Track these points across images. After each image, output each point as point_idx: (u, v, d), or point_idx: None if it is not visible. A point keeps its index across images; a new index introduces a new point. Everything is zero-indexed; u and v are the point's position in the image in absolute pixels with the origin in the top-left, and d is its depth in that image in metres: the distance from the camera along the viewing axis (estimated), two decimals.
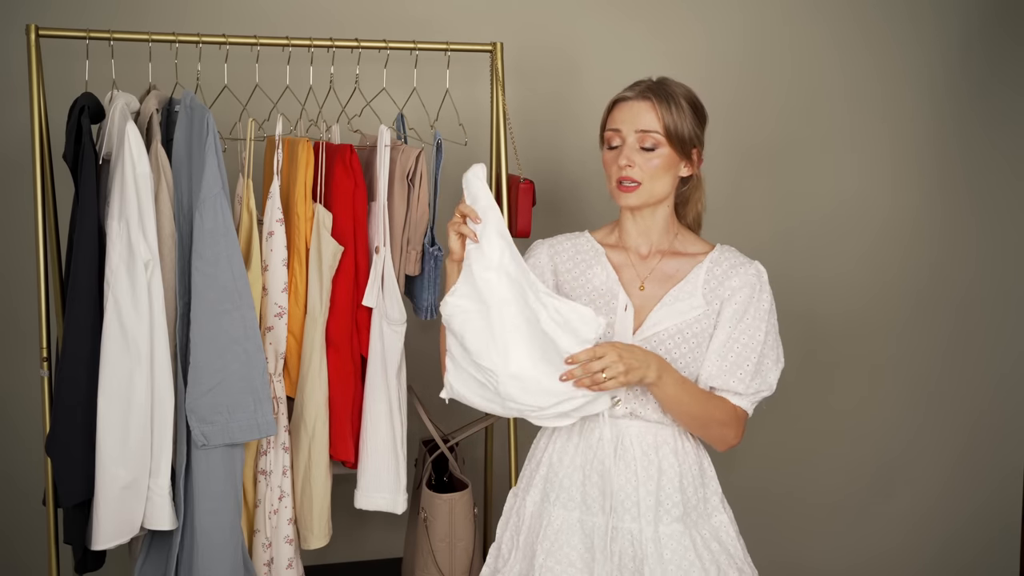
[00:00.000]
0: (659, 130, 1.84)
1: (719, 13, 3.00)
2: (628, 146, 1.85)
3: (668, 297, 1.89)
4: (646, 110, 1.85)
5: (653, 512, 1.83)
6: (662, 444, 1.87)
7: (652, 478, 1.84)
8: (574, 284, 1.94)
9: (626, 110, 1.87)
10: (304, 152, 2.20)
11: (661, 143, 1.85)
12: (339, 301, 2.26)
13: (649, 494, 1.83)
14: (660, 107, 1.84)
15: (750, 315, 1.87)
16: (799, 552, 3.27)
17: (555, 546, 1.86)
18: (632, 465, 1.85)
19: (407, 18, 2.75)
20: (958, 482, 3.36)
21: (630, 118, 1.86)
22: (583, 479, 1.87)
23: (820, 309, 3.18)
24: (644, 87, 1.88)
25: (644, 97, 1.86)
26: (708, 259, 1.93)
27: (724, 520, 1.91)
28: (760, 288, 1.90)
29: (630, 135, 1.86)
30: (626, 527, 1.83)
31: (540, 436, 1.98)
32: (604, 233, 2.00)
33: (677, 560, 1.82)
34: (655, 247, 1.94)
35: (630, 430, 1.86)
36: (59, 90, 2.33)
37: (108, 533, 2.04)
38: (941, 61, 3.17)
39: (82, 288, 2.05)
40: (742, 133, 3.03)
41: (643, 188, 1.86)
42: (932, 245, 3.24)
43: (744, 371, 1.86)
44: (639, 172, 1.85)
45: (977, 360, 3.33)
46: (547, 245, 2.00)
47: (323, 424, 2.27)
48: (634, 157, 1.85)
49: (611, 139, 1.89)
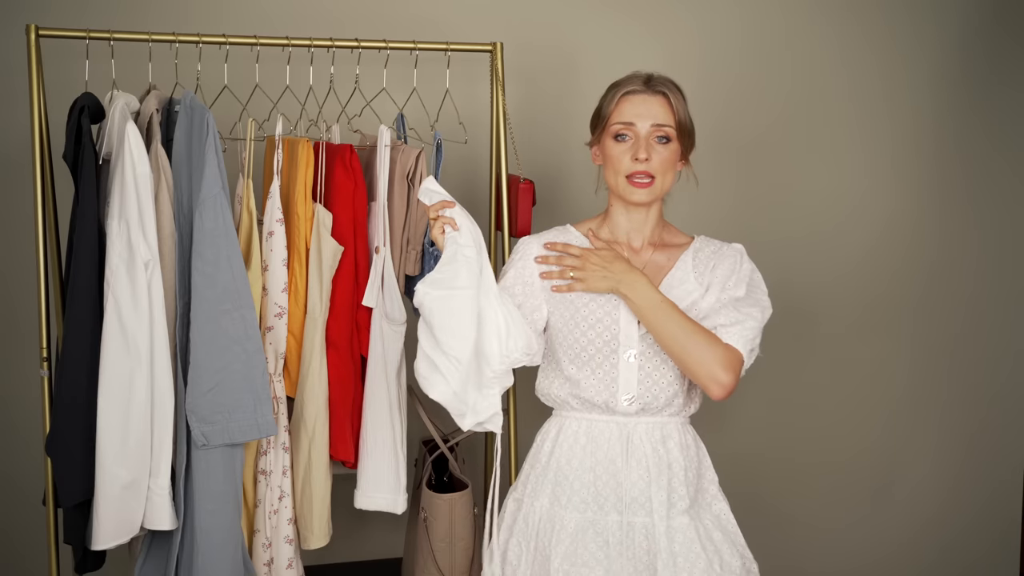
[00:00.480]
0: (672, 124, 1.85)
1: (718, 13, 3.00)
2: (643, 139, 1.85)
3: (663, 287, 1.90)
4: (660, 104, 1.86)
5: (665, 507, 1.84)
6: (668, 438, 1.88)
7: (663, 473, 1.86)
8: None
9: (639, 103, 1.86)
10: (304, 152, 2.20)
11: (673, 137, 1.86)
12: (339, 301, 2.26)
13: (661, 489, 1.85)
14: (673, 100, 1.86)
15: (731, 281, 1.90)
16: (799, 553, 3.26)
17: (571, 549, 1.85)
18: (644, 462, 1.86)
19: (407, 18, 2.75)
20: (958, 482, 3.36)
21: (645, 111, 1.86)
22: (594, 479, 1.88)
23: (820, 309, 3.18)
24: (651, 80, 1.89)
25: (656, 91, 1.87)
26: (692, 247, 1.96)
27: (724, 508, 1.94)
28: (742, 262, 1.93)
29: (644, 128, 1.85)
30: (640, 522, 1.85)
31: (543, 441, 1.97)
32: (591, 227, 1.98)
33: (684, 552, 1.83)
34: (648, 240, 1.96)
35: (638, 428, 1.88)
36: (59, 90, 2.33)
37: (108, 533, 2.04)
38: (941, 60, 3.17)
39: (82, 288, 2.05)
40: (740, 131, 3.03)
41: (656, 183, 1.87)
42: (932, 245, 3.24)
43: (726, 308, 1.87)
44: (655, 166, 1.85)
45: (978, 360, 3.33)
46: (536, 243, 1.97)
47: (323, 424, 2.27)
48: (651, 151, 1.85)
49: (621, 132, 1.87)
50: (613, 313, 1.89)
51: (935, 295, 3.26)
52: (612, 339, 1.88)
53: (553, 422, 1.97)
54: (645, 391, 1.87)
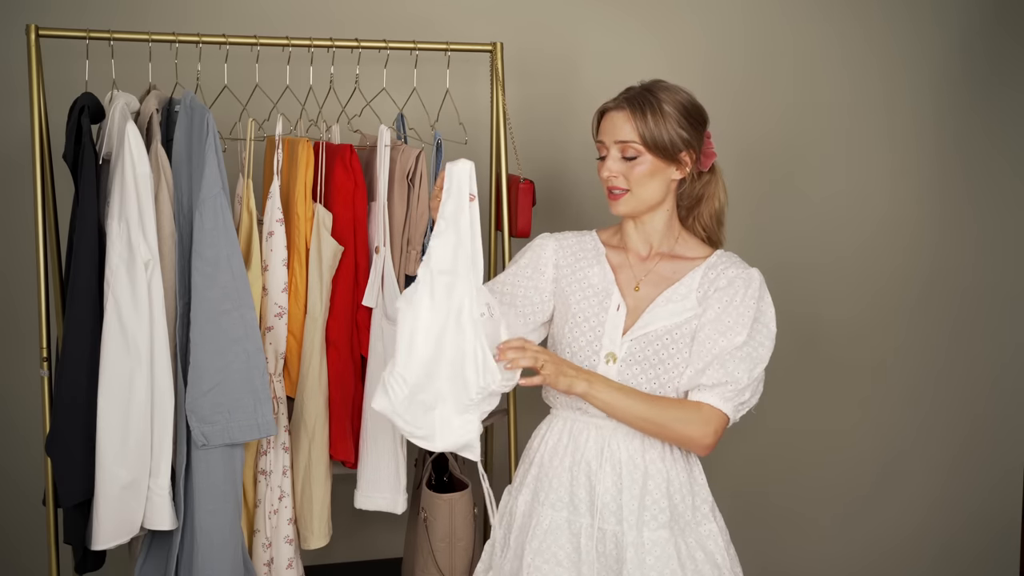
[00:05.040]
0: (636, 140, 1.86)
1: (719, 14, 3.00)
2: (611, 157, 1.89)
3: (660, 299, 1.89)
4: (624, 121, 1.87)
5: (636, 516, 1.83)
6: (649, 449, 1.86)
7: (637, 483, 1.84)
8: (571, 280, 1.96)
9: (607, 121, 1.91)
10: (304, 152, 2.20)
11: (642, 152, 1.87)
12: (339, 301, 2.26)
13: (633, 498, 1.83)
14: (635, 117, 1.86)
15: (728, 315, 1.84)
16: (799, 553, 3.26)
17: (543, 545, 1.87)
18: (617, 469, 1.85)
19: (407, 18, 2.75)
20: (958, 482, 3.36)
21: (610, 129, 1.89)
22: (571, 480, 1.88)
23: (820, 309, 3.18)
24: (624, 96, 1.90)
25: (621, 107, 1.89)
26: (706, 263, 1.92)
27: (713, 529, 1.89)
28: (748, 292, 1.86)
29: (612, 146, 1.89)
30: (610, 529, 1.84)
31: (534, 437, 1.99)
32: (609, 234, 2.02)
33: (659, 567, 1.81)
34: (655, 249, 1.95)
35: (616, 434, 1.86)
36: (59, 90, 2.33)
37: (108, 533, 2.04)
38: (942, 61, 3.17)
39: (82, 288, 2.05)
40: (742, 132, 3.03)
41: (631, 195, 1.88)
42: (932, 245, 3.24)
43: (712, 367, 1.82)
44: (624, 181, 1.88)
45: (976, 359, 3.33)
46: (554, 240, 2.02)
47: (323, 424, 2.27)
48: (615, 167, 1.88)
49: (600, 149, 1.92)
50: (601, 315, 1.89)
51: (935, 294, 3.26)
52: (595, 340, 1.88)
53: (546, 419, 1.99)
54: None
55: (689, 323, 1.86)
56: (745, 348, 1.82)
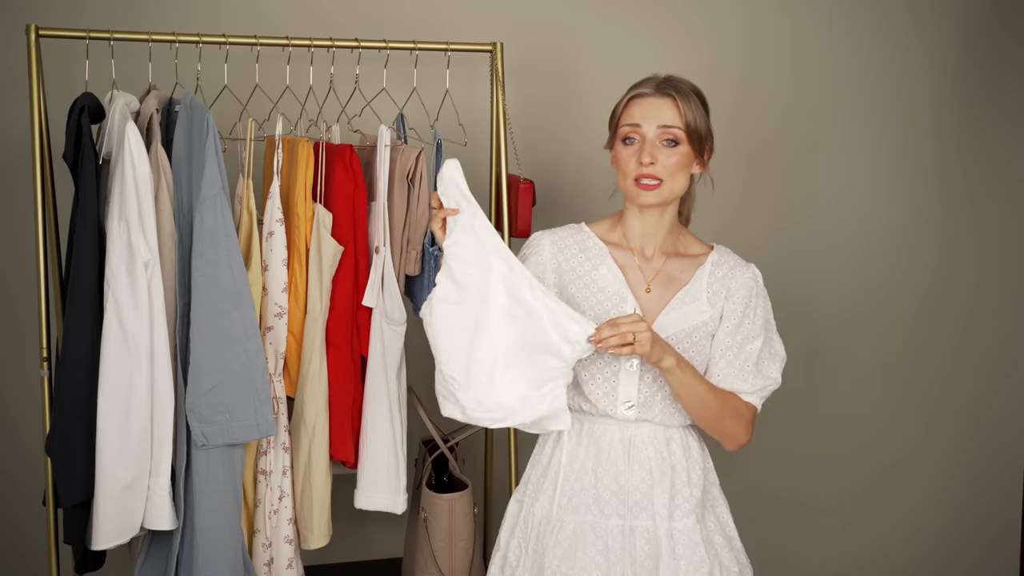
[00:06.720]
0: (680, 126, 1.82)
1: (719, 13, 3.00)
2: (649, 142, 1.82)
3: (675, 301, 1.88)
4: (667, 106, 1.82)
5: (667, 509, 1.84)
6: (671, 440, 1.88)
7: (666, 475, 1.85)
8: (579, 283, 1.90)
9: (646, 106, 1.83)
10: (304, 152, 2.20)
11: (681, 139, 1.82)
12: (339, 301, 2.26)
13: (663, 491, 1.85)
14: (681, 103, 1.82)
15: (748, 319, 1.88)
16: (799, 553, 3.26)
17: (569, 551, 1.85)
18: (646, 465, 1.86)
19: (407, 18, 2.75)
20: (958, 483, 3.36)
21: (652, 113, 1.82)
22: (595, 482, 1.87)
23: (820, 310, 3.18)
24: (662, 83, 1.85)
25: (664, 93, 1.83)
26: (709, 261, 1.92)
27: (725, 511, 1.95)
28: (756, 292, 1.91)
29: (651, 131, 1.82)
30: (641, 525, 1.84)
31: (545, 442, 1.96)
32: (604, 229, 1.95)
33: (688, 555, 1.83)
34: (659, 247, 1.91)
35: (640, 430, 1.87)
36: (59, 90, 2.33)
37: (108, 533, 2.04)
38: (942, 61, 3.17)
39: (82, 288, 2.05)
40: (742, 132, 3.03)
41: (664, 186, 1.83)
42: (932, 246, 3.24)
43: (747, 372, 1.87)
44: (661, 169, 1.82)
45: (977, 361, 3.32)
46: (549, 241, 1.94)
47: (323, 424, 2.27)
48: (656, 153, 1.81)
49: (628, 134, 1.84)
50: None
51: (935, 295, 3.26)
52: None
53: None
54: (645, 399, 1.86)
55: (705, 325, 1.87)
56: (768, 348, 1.90)
